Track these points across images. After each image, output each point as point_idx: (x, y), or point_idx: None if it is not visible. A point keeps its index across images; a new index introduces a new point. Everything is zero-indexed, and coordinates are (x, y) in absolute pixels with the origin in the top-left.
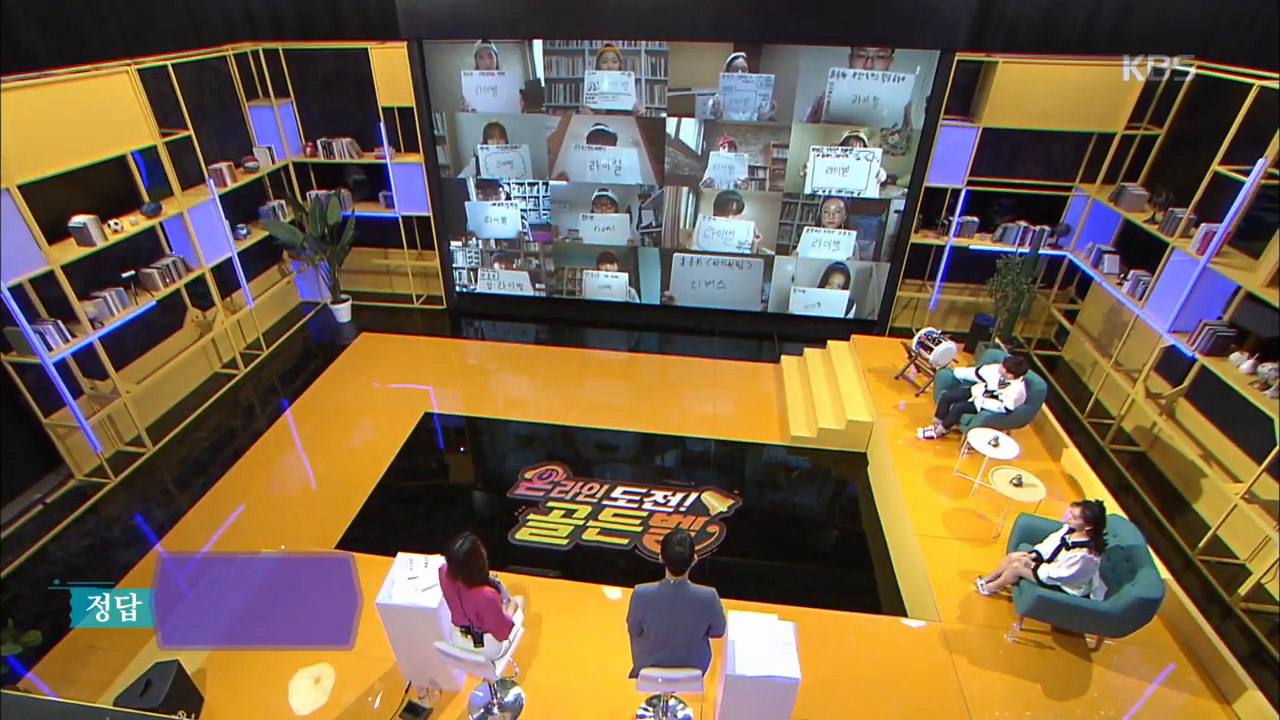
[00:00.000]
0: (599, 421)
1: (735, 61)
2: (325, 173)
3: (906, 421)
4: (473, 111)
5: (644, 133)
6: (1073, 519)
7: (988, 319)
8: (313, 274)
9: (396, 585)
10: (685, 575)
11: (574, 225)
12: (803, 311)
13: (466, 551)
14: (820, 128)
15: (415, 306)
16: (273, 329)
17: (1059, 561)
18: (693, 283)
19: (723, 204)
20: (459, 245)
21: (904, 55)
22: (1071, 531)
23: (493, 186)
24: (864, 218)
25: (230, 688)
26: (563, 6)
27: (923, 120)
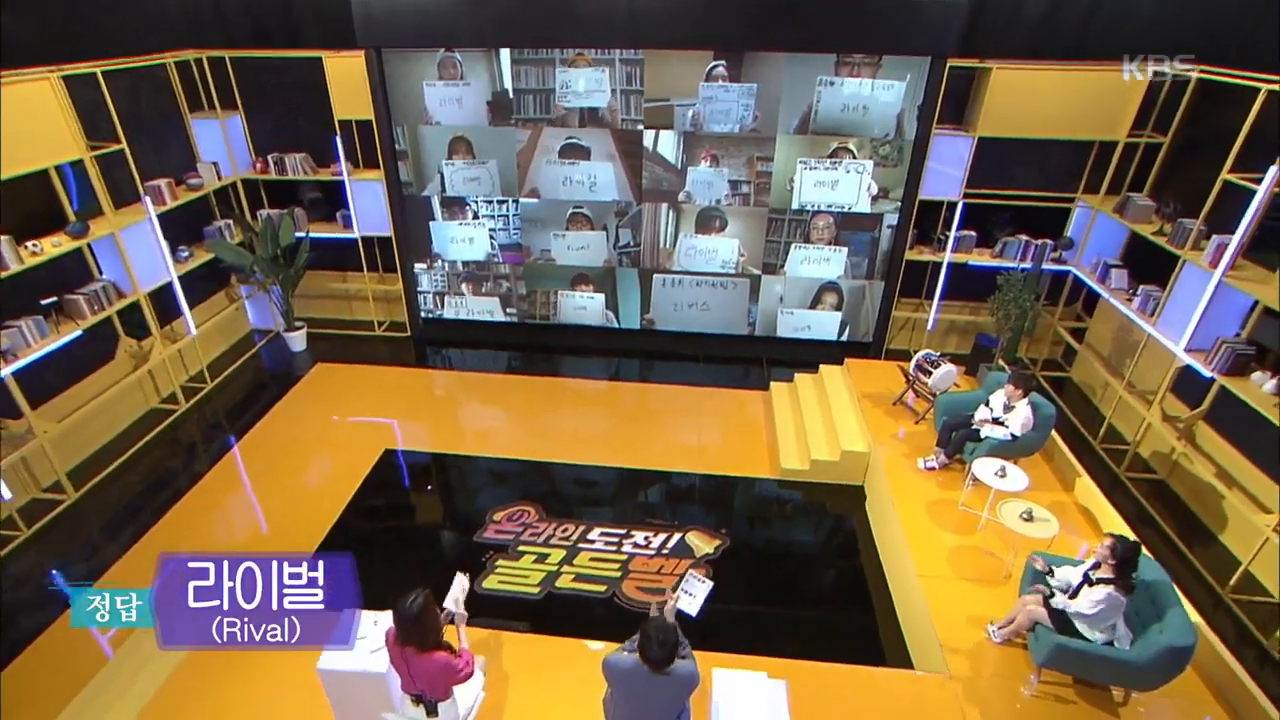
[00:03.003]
0: (575, 456)
1: (715, 70)
2: (277, 190)
3: (906, 451)
4: (436, 124)
5: (620, 146)
6: (1101, 551)
7: (990, 339)
8: (264, 300)
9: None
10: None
11: (546, 245)
12: (792, 334)
13: (418, 610)
14: (807, 139)
15: (377, 334)
16: (219, 360)
17: (1081, 597)
18: (674, 305)
19: (705, 221)
20: (424, 268)
21: (893, 63)
22: (1096, 566)
23: (459, 205)
24: (855, 233)
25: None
26: (531, 13)
27: (915, 130)
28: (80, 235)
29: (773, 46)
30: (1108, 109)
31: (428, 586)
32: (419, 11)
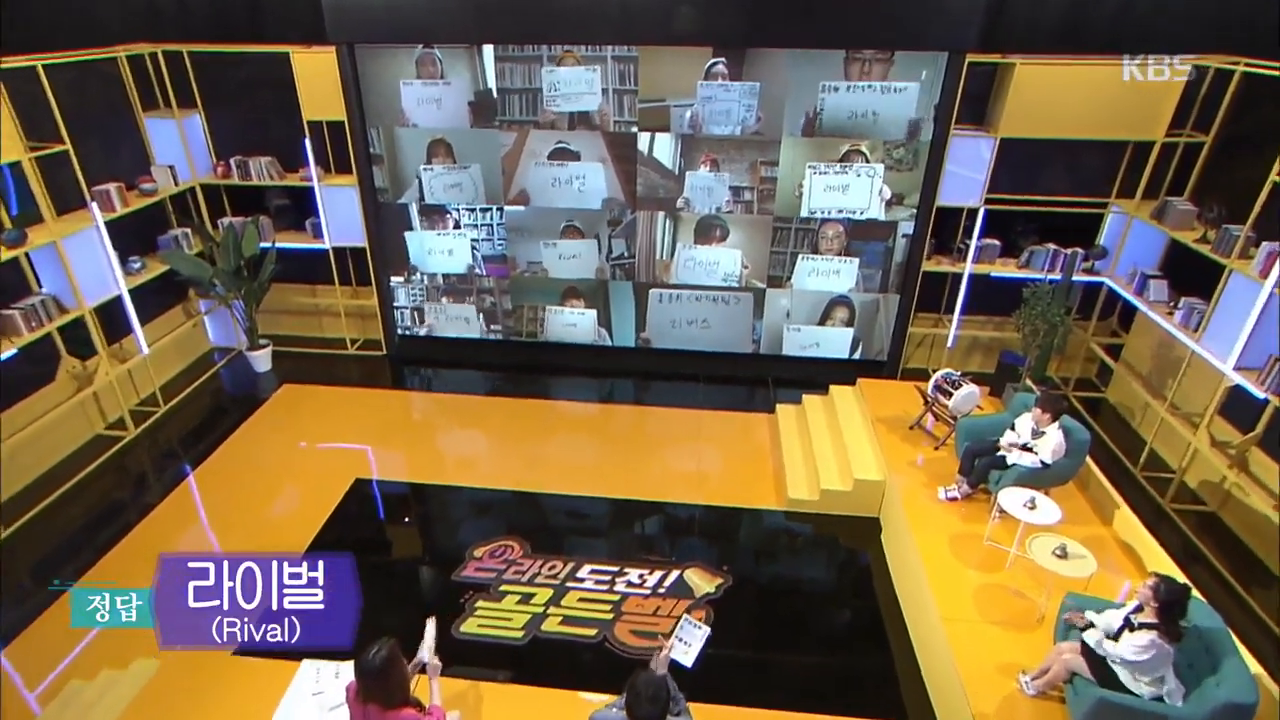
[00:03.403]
0: (564, 485)
1: (714, 68)
2: (241, 196)
3: (924, 480)
4: (414, 126)
5: (612, 150)
6: (1144, 593)
7: (1016, 357)
8: (225, 315)
9: (297, 703)
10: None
11: (533, 256)
12: (800, 353)
13: (382, 663)
14: (815, 142)
15: (349, 353)
16: (174, 381)
17: (1123, 641)
18: (673, 321)
19: (705, 230)
20: (401, 281)
21: (907, 59)
22: (1139, 609)
23: (438, 213)
24: (867, 243)
25: None
26: (516, 7)
27: (931, 131)
28: (17, 244)
29: (776, 42)
30: (1143, 106)
31: (395, 635)
32: (395, 5)
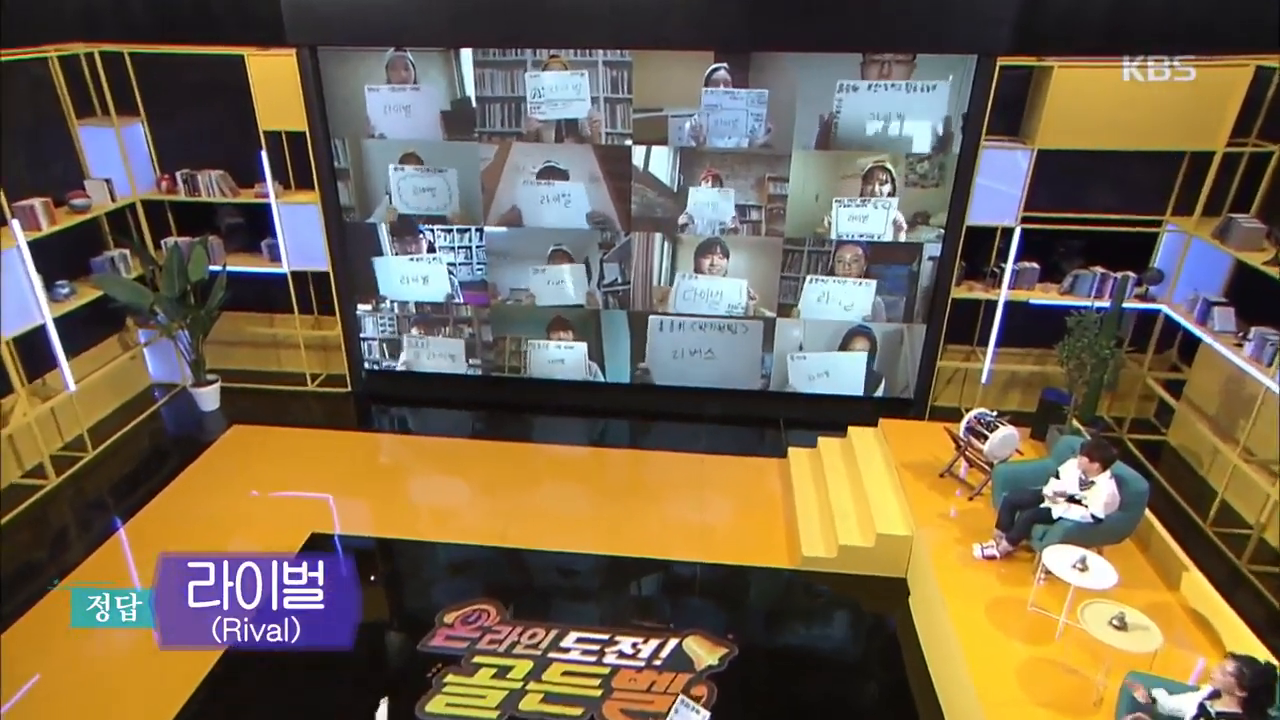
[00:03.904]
0: (548, 540)
1: (716, 74)
2: (188, 214)
3: (958, 535)
4: (381, 138)
5: (604, 165)
6: (1222, 678)
7: (1060, 395)
8: (168, 347)
9: None
10: None
11: (517, 282)
12: (815, 389)
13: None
14: (830, 156)
15: (309, 390)
16: (106, 421)
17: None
18: (673, 353)
19: (707, 253)
20: (368, 310)
21: (931, 63)
22: (1215, 695)
23: (411, 234)
24: (889, 267)
25: None
26: (497, 6)
27: (959, 143)
28: None
29: (784, 45)
30: (1201, 113)
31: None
32: (362, 3)
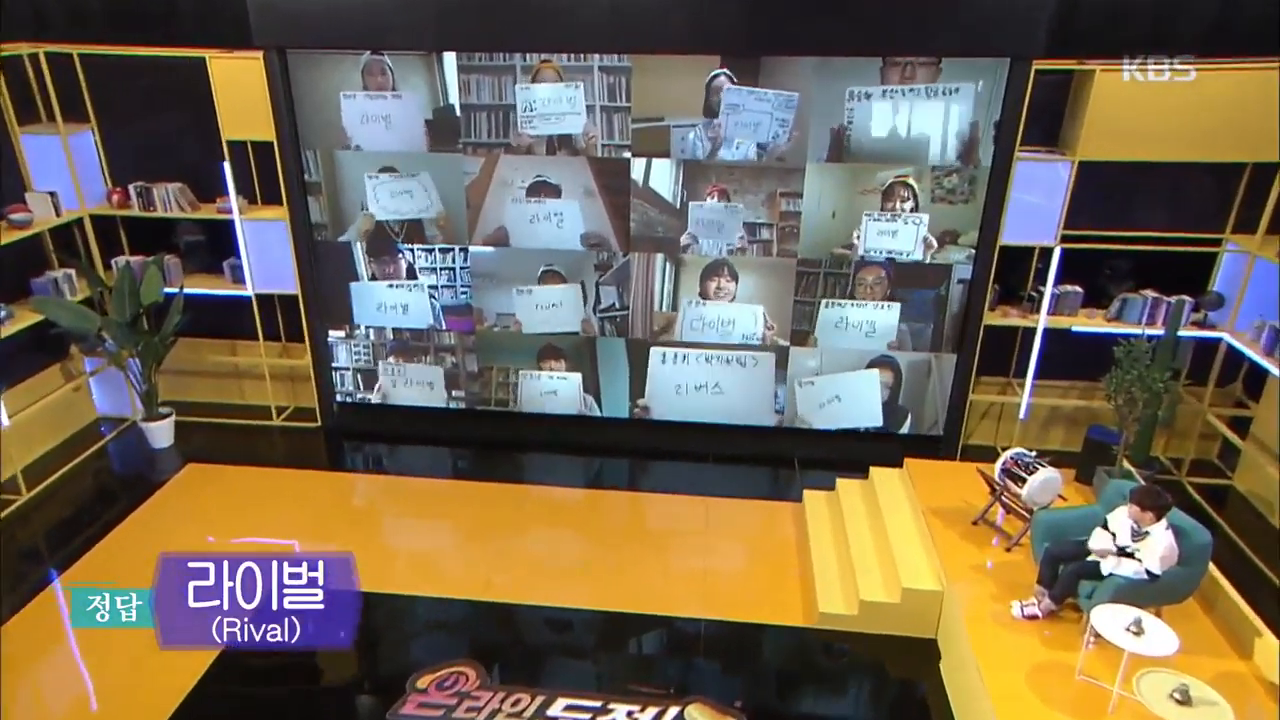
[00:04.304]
0: (536, 593)
1: (716, 81)
2: (142, 231)
3: (994, 591)
4: (356, 149)
5: (599, 179)
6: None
7: (1108, 433)
8: (117, 377)
9: None
10: None
11: (504, 307)
12: (833, 425)
13: None
14: (847, 169)
15: (275, 424)
16: (44, 460)
17: None
18: (677, 386)
19: (714, 275)
20: (341, 337)
21: (958, 67)
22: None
23: (389, 254)
24: (914, 290)
25: None
26: (484, 6)
27: (991, 155)
28: None
29: (800, 48)
30: (1265, 120)
31: None
32: (336, 3)
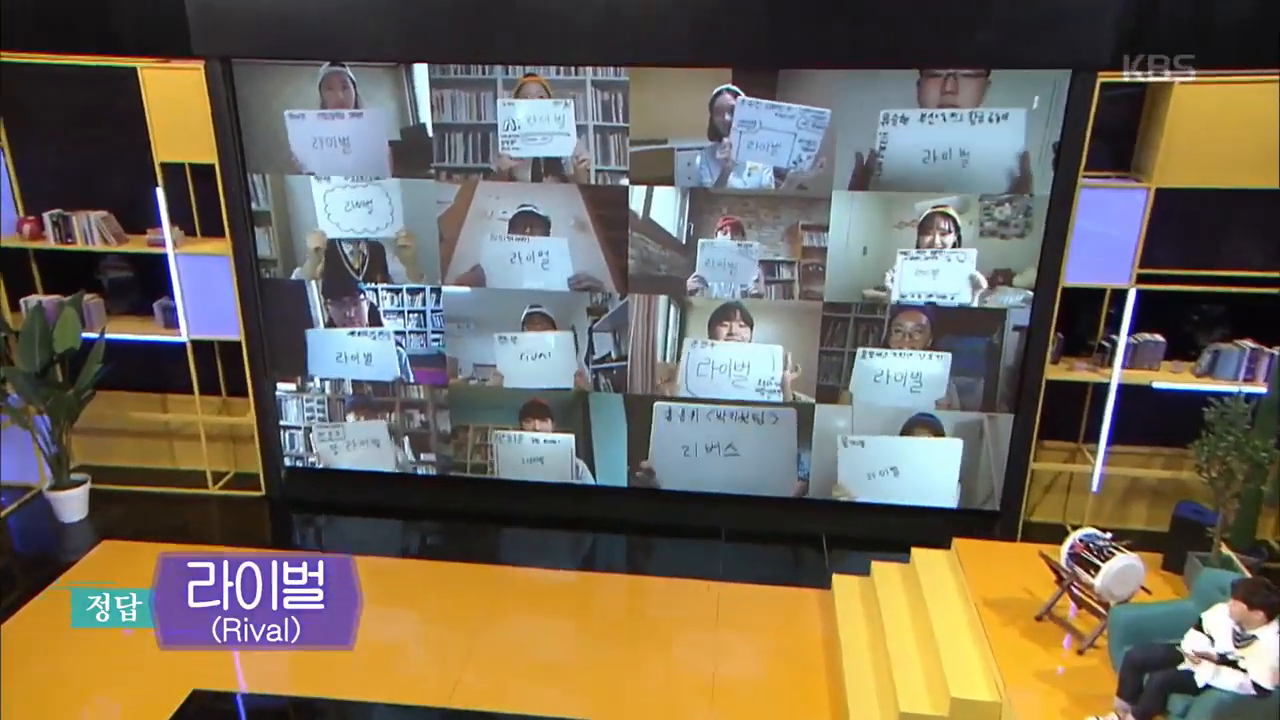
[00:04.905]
0: (513, 699)
1: (720, 98)
2: (59, 266)
3: (1064, 704)
4: (311, 175)
5: (593, 210)
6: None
7: (1201, 511)
8: (21, 437)
9: None
10: None
11: (483, 357)
12: (868, 497)
13: None
14: (879, 199)
15: (211, 493)
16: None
17: None
18: (684, 449)
19: (725, 319)
20: (291, 390)
21: (1010, 80)
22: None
23: (349, 294)
24: (962, 338)
25: None
26: (461, 12)
27: (1050, 182)
28: None
29: (826, 59)
30: None
31: None
32: (288, 6)
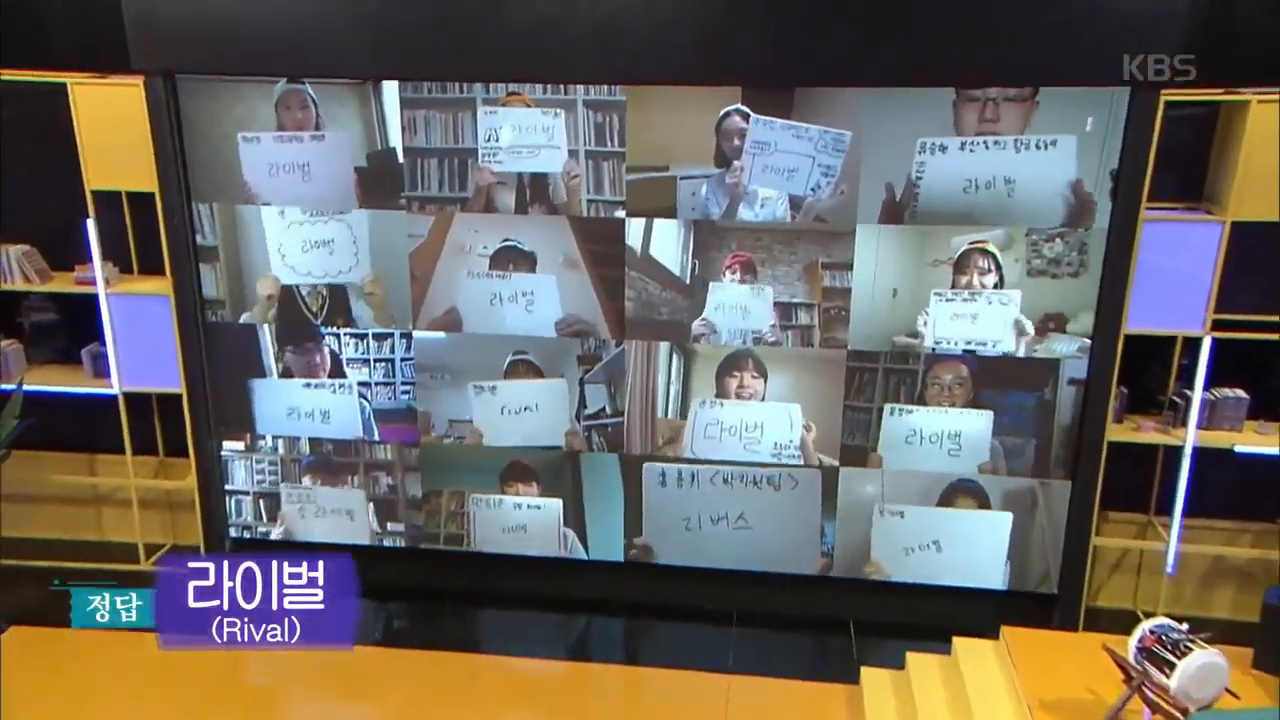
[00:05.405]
0: None
1: (728, 120)
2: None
3: None
4: (266, 205)
5: (585, 245)
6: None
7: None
8: None
9: None
10: None
11: (459, 411)
12: (905, 575)
13: None
14: (911, 234)
15: (144, 569)
16: None
17: None
18: (686, 520)
19: (735, 370)
20: (239, 450)
21: (1059, 98)
22: None
23: (310, 339)
24: (1008, 393)
25: None
26: (435, 24)
27: (1108, 214)
28: None
29: (844, 76)
30: None
31: None
32: (240, 14)
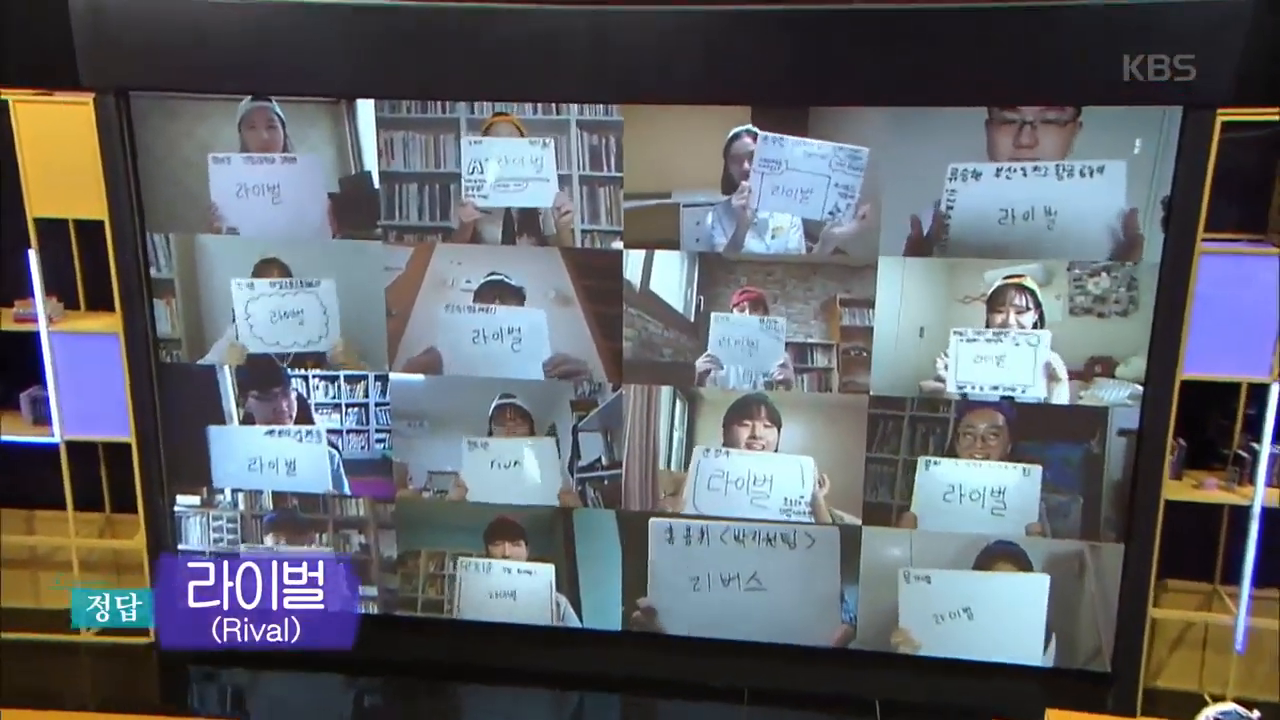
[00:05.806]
0: None
1: (737, 143)
2: None
3: None
4: (231, 233)
5: (579, 280)
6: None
7: None
8: None
9: None
10: None
11: (439, 463)
12: (937, 649)
13: None
14: (941, 266)
15: (85, 640)
16: None
17: None
18: (693, 581)
19: (745, 417)
20: (194, 505)
21: (1104, 119)
22: None
23: (275, 383)
24: (1049, 444)
25: None
26: (415, 36)
27: (1160, 247)
28: None
29: (863, 96)
30: None
31: None
32: (201, 25)
